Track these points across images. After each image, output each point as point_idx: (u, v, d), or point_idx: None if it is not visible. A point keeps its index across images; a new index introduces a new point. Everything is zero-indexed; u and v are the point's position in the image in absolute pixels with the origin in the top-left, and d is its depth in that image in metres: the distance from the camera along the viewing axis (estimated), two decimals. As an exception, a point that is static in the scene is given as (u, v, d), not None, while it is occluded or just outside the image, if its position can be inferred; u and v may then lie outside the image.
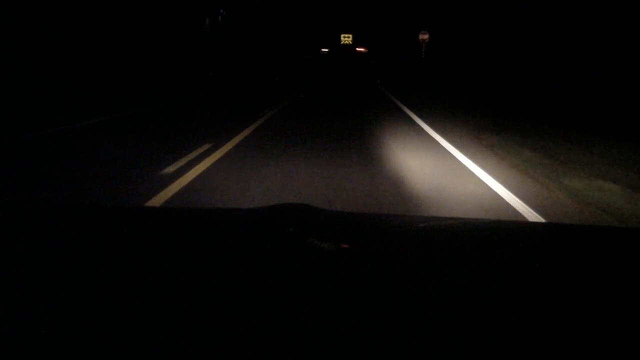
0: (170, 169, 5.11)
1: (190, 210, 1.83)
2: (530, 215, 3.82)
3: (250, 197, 4.19)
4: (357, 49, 68.10)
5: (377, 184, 4.70)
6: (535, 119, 9.43)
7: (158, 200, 4.06)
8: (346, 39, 72.06)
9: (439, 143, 6.97)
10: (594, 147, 6.65)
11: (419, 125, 8.75)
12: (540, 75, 18.01)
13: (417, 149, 6.64)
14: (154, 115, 9.90)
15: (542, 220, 3.75)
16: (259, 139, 7.21)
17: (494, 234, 1.18)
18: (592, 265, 0.95)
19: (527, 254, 1.02)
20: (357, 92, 16.57)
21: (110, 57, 18.29)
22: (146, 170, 5.06)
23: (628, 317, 0.73)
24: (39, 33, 15.25)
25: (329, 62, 44.67)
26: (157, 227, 1.14)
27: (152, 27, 22.51)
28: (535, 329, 0.69)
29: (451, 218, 1.26)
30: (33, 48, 14.81)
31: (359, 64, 40.93)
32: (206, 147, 6.33)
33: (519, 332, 0.68)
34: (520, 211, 3.90)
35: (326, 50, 67.68)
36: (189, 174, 4.92)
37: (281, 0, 57.37)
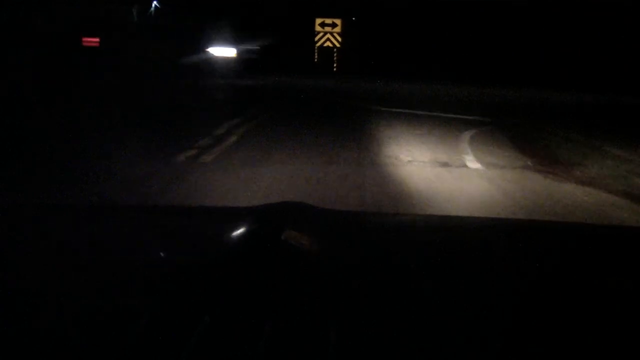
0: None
1: (190, 209, 1.82)
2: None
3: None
4: None
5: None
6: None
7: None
8: (327, 31, 16.36)
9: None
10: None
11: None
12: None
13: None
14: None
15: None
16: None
17: (494, 232, 1.19)
18: (593, 264, 0.97)
19: (527, 252, 1.03)
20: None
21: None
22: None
23: (629, 316, 0.74)
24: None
25: None
26: (156, 226, 1.14)
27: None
28: (535, 328, 0.70)
29: (452, 217, 1.27)
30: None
31: None
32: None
33: (519, 332, 0.69)
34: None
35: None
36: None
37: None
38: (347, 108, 9.41)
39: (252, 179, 4.44)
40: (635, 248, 1.07)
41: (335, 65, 16.35)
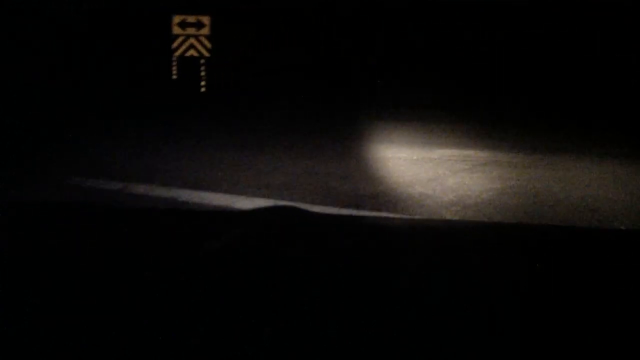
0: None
1: (187, 211, 1.85)
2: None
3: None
4: None
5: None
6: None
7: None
8: (191, 34, 10.10)
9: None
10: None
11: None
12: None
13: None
14: None
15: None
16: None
17: (494, 234, 1.20)
18: (592, 267, 0.98)
19: (527, 254, 1.03)
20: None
21: None
22: None
23: (628, 319, 0.75)
24: None
25: None
26: (156, 226, 1.14)
27: None
28: (534, 329, 0.71)
29: (451, 220, 1.29)
30: None
31: None
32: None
33: (518, 333, 0.70)
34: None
35: None
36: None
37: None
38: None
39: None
40: (633, 251, 1.09)
41: (203, 84, 10.37)
